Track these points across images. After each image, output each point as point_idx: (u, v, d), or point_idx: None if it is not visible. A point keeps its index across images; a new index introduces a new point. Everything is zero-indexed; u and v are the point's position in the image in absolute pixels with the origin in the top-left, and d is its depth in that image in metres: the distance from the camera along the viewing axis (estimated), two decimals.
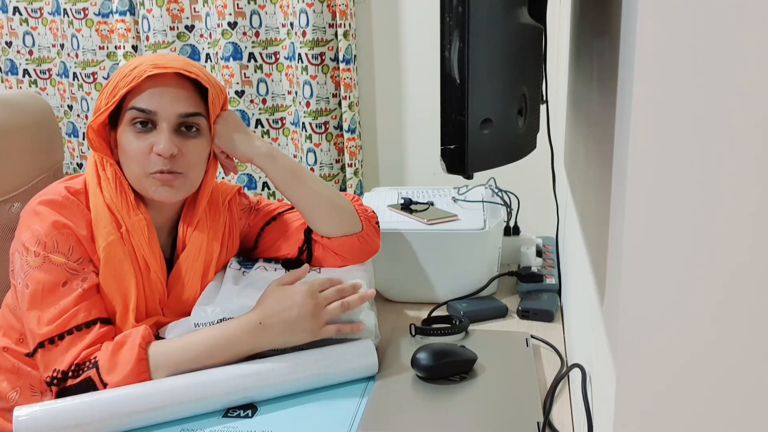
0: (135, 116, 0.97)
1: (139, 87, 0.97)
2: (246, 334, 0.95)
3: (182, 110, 0.98)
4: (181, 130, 1.00)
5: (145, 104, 0.97)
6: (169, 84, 0.98)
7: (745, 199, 0.45)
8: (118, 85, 0.97)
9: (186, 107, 0.99)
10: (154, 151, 0.97)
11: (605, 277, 0.59)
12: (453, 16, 0.61)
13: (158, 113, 0.97)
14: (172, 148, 0.97)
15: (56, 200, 0.97)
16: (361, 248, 1.14)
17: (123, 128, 0.99)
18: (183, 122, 0.99)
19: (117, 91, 0.97)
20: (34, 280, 0.94)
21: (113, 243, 0.98)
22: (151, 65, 0.97)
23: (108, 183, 1.00)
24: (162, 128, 0.97)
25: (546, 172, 1.49)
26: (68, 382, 0.91)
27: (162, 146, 0.96)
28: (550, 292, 1.27)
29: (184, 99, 0.99)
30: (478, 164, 0.66)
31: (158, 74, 0.97)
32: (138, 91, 0.97)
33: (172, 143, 0.97)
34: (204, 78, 1.00)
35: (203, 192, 1.07)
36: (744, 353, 0.48)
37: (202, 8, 2.04)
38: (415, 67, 2.00)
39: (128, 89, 0.96)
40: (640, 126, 0.45)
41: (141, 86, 0.97)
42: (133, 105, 0.97)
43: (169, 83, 0.98)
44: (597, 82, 0.70)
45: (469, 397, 0.91)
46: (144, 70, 0.96)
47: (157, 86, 0.97)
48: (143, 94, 0.97)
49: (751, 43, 0.42)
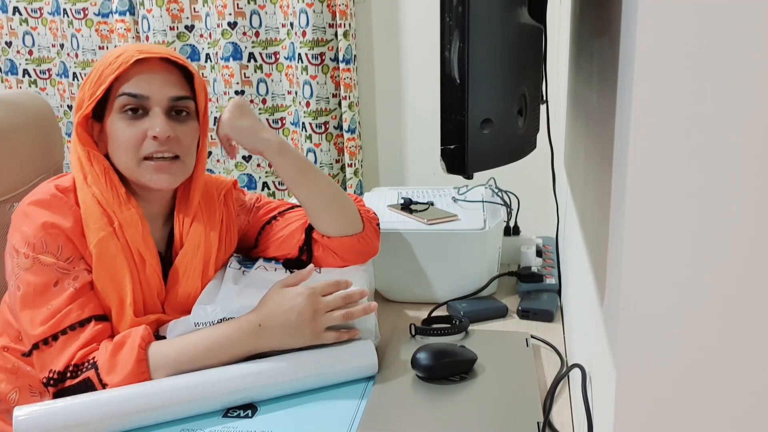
0: (126, 102, 0.97)
1: (126, 74, 0.97)
2: (245, 335, 0.95)
3: (173, 93, 0.98)
4: (172, 114, 0.99)
5: (135, 89, 0.96)
6: (157, 69, 0.98)
7: (745, 198, 0.45)
8: (103, 74, 0.97)
9: (176, 90, 0.99)
10: (150, 135, 0.97)
11: (605, 277, 0.59)
12: (453, 16, 0.61)
13: (150, 97, 0.97)
14: (168, 131, 0.97)
15: (45, 199, 0.96)
16: (360, 249, 1.13)
17: (113, 117, 0.98)
18: (174, 106, 0.99)
19: (104, 80, 0.96)
20: (24, 282, 0.94)
21: (105, 238, 0.97)
22: (137, 50, 0.97)
23: (97, 178, 0.99)
24: (155, 112, 0.97)
25: (546, 172, 1.49)
26: (66, 383, 0.91)
27: (158, 129, 0.96)
28: (550, 292, 1.27)
29: (173, 83, 0.99)
30: (478, 164, 0.66)
31: (145, 60, 0.97)
32: (125, 78, 0.97)
33: (167, 125, 0.97)
34: (189, 64, 1.01)
35: (196, 180, 1.06)
36: (744, 353, 0.48)
37: (201, 8, 2.04)
38: (415, 67, 2.00)
39: (116, 75, 0.96)
40: (640, 126, 0.45)
41: (128, 73, 0.97)
42: (123, 91, 0.96)
43: (156, 68, 0.98)
44: (597, 82, 0.70)
45: (469, 397, 0.91)
46: (131, 56, 0.96)
47: (145, 72, 0.97)
48: (132, 81, 0.97)
49: (751, 43, 0.42)
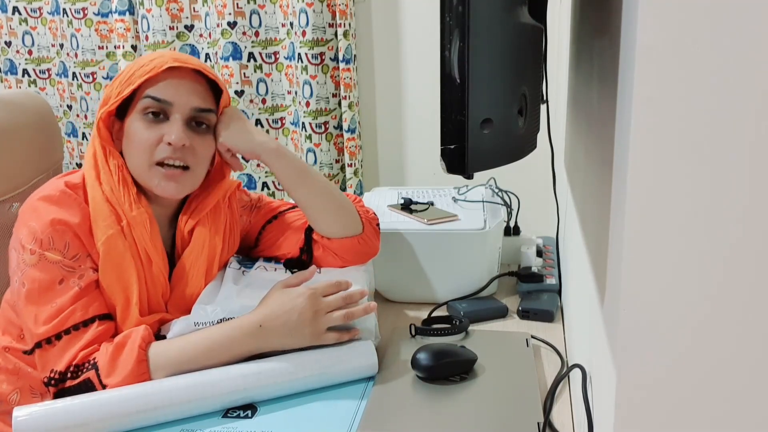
0: (148, 105, 0.98)
1: (156, 77, 0.98)
2: (246, 335, 0.95)
3: (197, 104, 1.00)
4: (191, 124, 1.01)
5: (161, 94, 0.98)
6: (187, 78, 1.00)
7: (745, 199, 0.45)
8: (135, 74, 0.98)
9: (201, 102, 1.00)
10: (165, 141, 0.98)
11: (605, 277, 0.59)
12: (453, 16, 0.61)
13: (174, 104, 0.98)
14: (184, 139, 0.98)
15: (54, 196, 0.97)
16: (360, 250, 1.14)
17: (133, 117, 0.99)
18: (195, 117, 1.01)
19: (134, 80, 0.98)
20: (29, 278, 0.93)
21: (113, 237, 0.97)
22: (172, 58, 0.99)
23: (110, 176, 1.00)
24: (175, 119, 0.98)
25: (546, 172, 1.49)
26: (67, 383, 0.91)
27: (174, 136, 0.97)
28: (550, 292, 1.27)
29: (200, 94, 1.00)
30: (478, 164, 0.66)
31: (177, 67, 0.99)
32: (155, 81, 0.98)
33: (184, 134, 0.98)
34: (219, 80, 1.03)
35: (215, 192, 1.08)
36: (744, 353, 0.48)
37: (201, 8, 2.04)
38: (415, 67, 2.00)
39: (146, 78, 0.97)
40: (640, 126, 0.45)
41: (159, 77, 0.98)
42: (149, 94, 0.98)
43: (187, 77, 1.00)
44: (597, 82, 0.70)
45: (469, 398, 0.91)
46: (165, 61, 0.98)
47: (175, 78, 0.99)
48: (160, 84, 0.98)
49: (752, 43, 0.42)
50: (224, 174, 1.10)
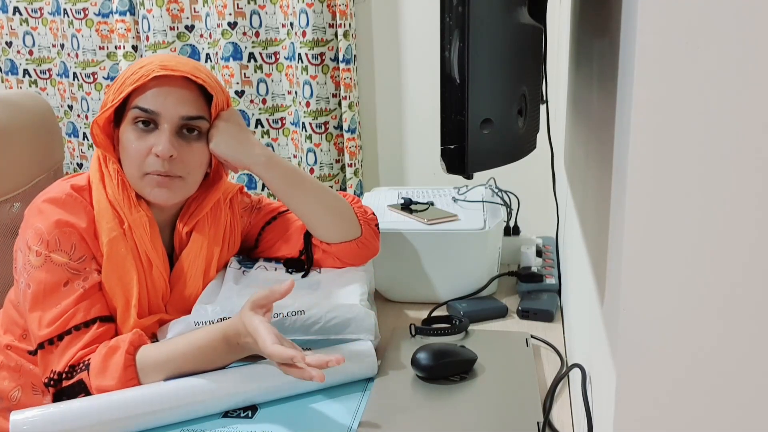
0: (137, 115, 0.97)
1: (144, 86, 0.96)
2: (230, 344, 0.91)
3: (185, 113, 0.98)
4: (182, 132, 0.99)
5: (148, 104, 0.96)
6: (175, 86, 0.97)
7: (745, 199, 0.45)
8: (125, 83, 0.97)
9: (189, 110, 0.98)
10: (153, 152, 0.97)
11: (605, 277, 0.59)
12: (453, 16, 0.61)
13: (161, 114, 0.96)
14: (171, 150, 0.96)
15: (60, 198, 0.97)
16: (359, 252, 1.14)
17: (125, 126, 0.99)
18: (185, 125, 0.99)
19: (123, 89, 0.97)
20: (35, 280, 0.94)
21: (116, 239, 0.98)
22: (159, 66, 0.96)
23: (111, 179, 1.00)
24: (163, 129, 0.97)
25: (546, 172, 1.49)
26: (63, 384, 0.91)
27: (161, 148, 0.96)
28: (550, 292, 1.27)
29: (188, 101, 0.98)
30: (478, 164, 0.66)
31: (165, 75, 0.97)
32: (143, 90, 0.97)
33: (171, 145, 0.96)
34: (210, 84, 1.00)
35: (211, 195, 1.07)
36: (745, 353, 0.48)
37: (202, 8, 2.04)
38: (415, 67, 2.00)
39: (134, 88, 0.96)
40: (640, 126, 0.45)
41: (146, 86, 0.96)
42: (137, 104, 0.97)
43: (175, 85, 0.97)
44: (597, 83, 0.70)
45: (469, 397, 0.91)
46: (151, 70, 0.96)
47: (163, 87, 0.97)
48: (148, 94, 0.96)
49: (752, 43, 0.42)
50: (221, 175, 1.09)
